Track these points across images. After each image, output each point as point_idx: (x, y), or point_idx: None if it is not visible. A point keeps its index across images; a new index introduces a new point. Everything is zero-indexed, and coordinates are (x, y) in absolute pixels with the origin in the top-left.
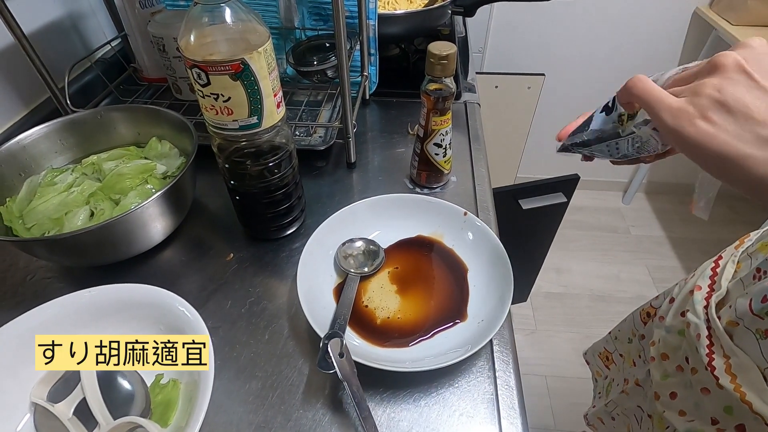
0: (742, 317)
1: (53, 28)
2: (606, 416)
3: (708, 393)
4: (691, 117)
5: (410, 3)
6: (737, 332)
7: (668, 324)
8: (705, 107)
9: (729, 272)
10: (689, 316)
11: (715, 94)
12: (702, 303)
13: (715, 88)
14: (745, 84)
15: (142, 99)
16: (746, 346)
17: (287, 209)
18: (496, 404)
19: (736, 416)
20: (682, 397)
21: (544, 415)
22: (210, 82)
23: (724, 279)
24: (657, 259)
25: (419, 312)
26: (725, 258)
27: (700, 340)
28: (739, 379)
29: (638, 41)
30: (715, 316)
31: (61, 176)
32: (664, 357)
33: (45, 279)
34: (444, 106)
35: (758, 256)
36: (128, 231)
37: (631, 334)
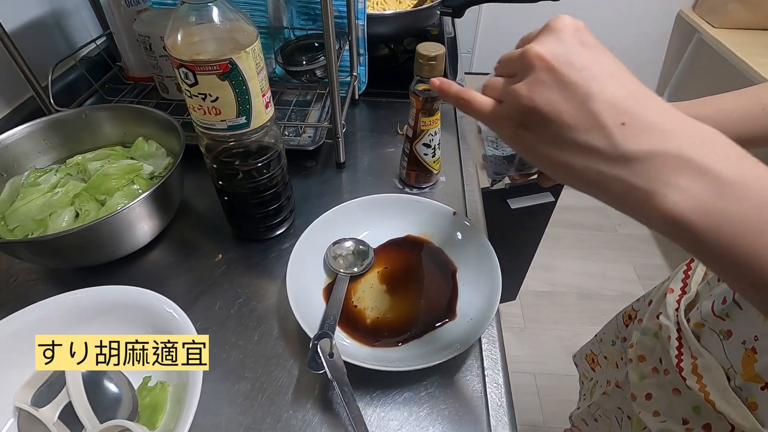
0: (706, 319)
1: (36, 25)
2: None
3: (679, 394)
4: (511, 124)
5: (399, 3)
6: (704, 333)
7: (644, 326)
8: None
9: (699, 275)
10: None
11: (528, 102)
12: (674, 305)
13: (527, 97)
14: (553, 83)
15: (127, 98)
16: (711, 346)
17: (276, 209)
18: (485, 402)
19: (703, 416)
20: (657, 398)
21: (533, 412)
22: (197, 82)
23: (693, 282)
24: (643, 257)
25: (409, 311)
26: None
27: (670, 342)
28: (705, 379)
29: (623, 43)
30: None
31: (45, 177)
32: (641, 359)
33: (28, 281)
34: (433, 107)
35: None
36: (114, 232)
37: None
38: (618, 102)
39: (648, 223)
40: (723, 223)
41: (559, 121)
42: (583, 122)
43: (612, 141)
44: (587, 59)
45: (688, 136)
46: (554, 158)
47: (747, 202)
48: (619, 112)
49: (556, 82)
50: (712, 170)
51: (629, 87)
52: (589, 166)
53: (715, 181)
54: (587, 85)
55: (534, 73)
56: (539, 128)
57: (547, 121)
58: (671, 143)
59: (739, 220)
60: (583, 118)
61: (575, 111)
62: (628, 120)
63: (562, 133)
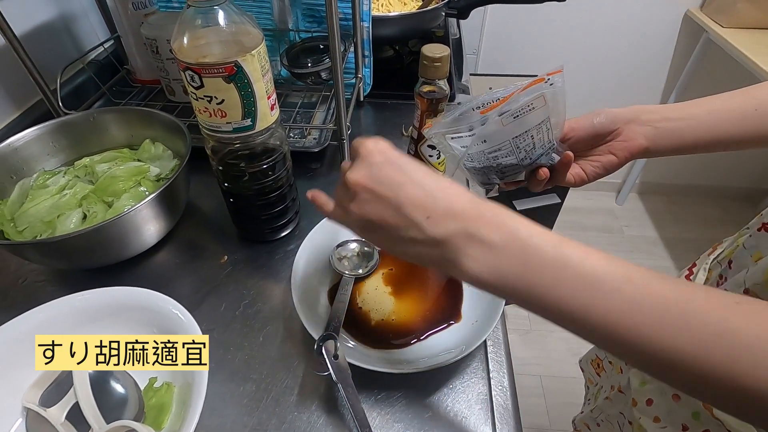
0: None
1: (45, 29)
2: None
3: (678, 399)
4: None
5: (404, 5)
6: None
7: None
8: (359, 227)
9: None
10: None
11: (361, 217)
12: None
13: (357, 214)
14: (372, 199)
15: (135, 101)
16: None
17: (281, 211)
18: (490, 405)
19: (702, 422)
20: (657, 403)
21: (539, 415)
22: (203, 85)
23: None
24: (651, 260)
25: (414, 313)
26: (698, 265)
27: None
28: None
29: (631, 43)
30: None
31: (53, 179)
32: None
33: (37, 282)
34: (438, 108)
35: (724, 264)
36: (121, 234)
37: None
38: (420, 202)
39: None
40: (504, 275)
41: (387, 225)
42: (403, 223)
43: (424, 231)
44: (392, 174)
45: (472, 216)
46: (394, 250)
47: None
48: (423, 209)
49: (374, 197)
50: (490, 241)
51: (427, 186)
52: (417, 251)
53: (490, 247)
54: (396, 195)
55: (357, 195)
56: (377, 231)
57: (379, 226)
58: (461, 224)
59: (515, 270)
60: (401, 220)
61: (394, 216)
62: (431, 213)
63: (392, 232)
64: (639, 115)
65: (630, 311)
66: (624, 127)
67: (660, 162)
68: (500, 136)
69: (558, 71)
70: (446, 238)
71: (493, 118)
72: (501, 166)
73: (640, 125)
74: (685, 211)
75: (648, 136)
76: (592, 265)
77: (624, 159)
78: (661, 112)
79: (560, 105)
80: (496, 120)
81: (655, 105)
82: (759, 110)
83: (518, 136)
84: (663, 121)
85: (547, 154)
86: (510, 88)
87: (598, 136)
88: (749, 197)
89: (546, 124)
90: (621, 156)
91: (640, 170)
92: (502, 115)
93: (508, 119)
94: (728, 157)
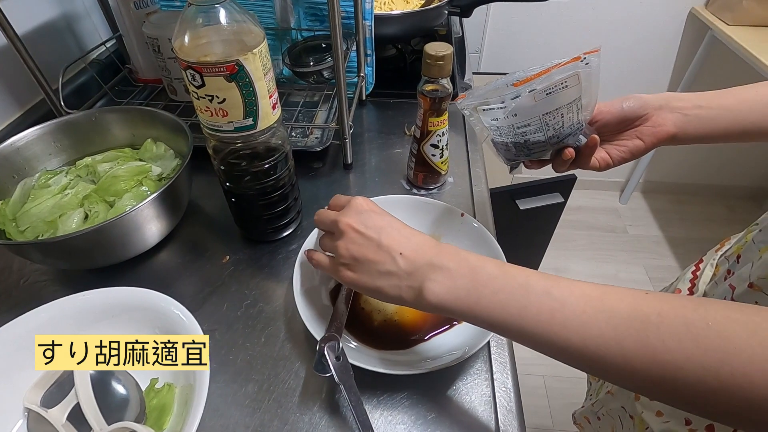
0: None
1: (47, 28)
2: (592, 416)
3: None
4: (340, 269)
5: (407, 3)
6: None
7: None
8: (345, 263)
9: (707, 275)
10: None
11: (347, 254)
12: None
13: (345, 249)
14: (359, 239)
15: (137, 100)
16: None
17: (283, 211)
18: (493, 406)
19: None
20: None
21: (543, 416)
22: (205, 84)
23: (702, 282)
24: (655, 259)
25: (417, 314)
26: (705, 261)
27: None
28: None
29: (635, 41)
30: None
31: (55, 178)
32: None
33: (39, 282)
34: (441, 107)
35: (732, 259)
36: (123, 234)
37: None
38: (396, 242)
39: (430, 311)
40: (458, 292)
41: (368, 261)
42: (382, 258)
43: (397, 264)
44: (376, 221)
45: (435, 252)
46: (370, 285)
47: (467, 277)
48: (399, 247)
49: (361, 238)
50: (447, 267)
51: (402, 231)
52: (390, 283)
53: (448, 271)
54: (378, 237)
55: (346, 235)
56: (357, 268)
57: (361, 262)
58: (427, 258)
59: (463, 287)
60: (381, 256)
61: (376, 252)
62: (404, 250)
63: (371, 267)
64: (670, 102)
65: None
66: (654, 112)
67: (664, 161)
68: (531, 111)
69: (596, 50)
70: (415, 269)
71: (525, 93)
72: (528, 142)
73: (670, 112)
74: (689, 211)
75: (677, 123)
76: (526, 275)
77: (651, 145)
78: (692, 100)
79: (593, 86)
80: (528, 95)
81: (685, 93)
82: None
83: (548, 113)
84: (694, 109)
85: (575, 134)
86: (546, 64)
87: (627, 120)
88: (754, 196)
89: (577, 103)
90: (648, 141)
91: (643, 169)
92: (533, 91)
93: (541, 95)
94: (733, 155)
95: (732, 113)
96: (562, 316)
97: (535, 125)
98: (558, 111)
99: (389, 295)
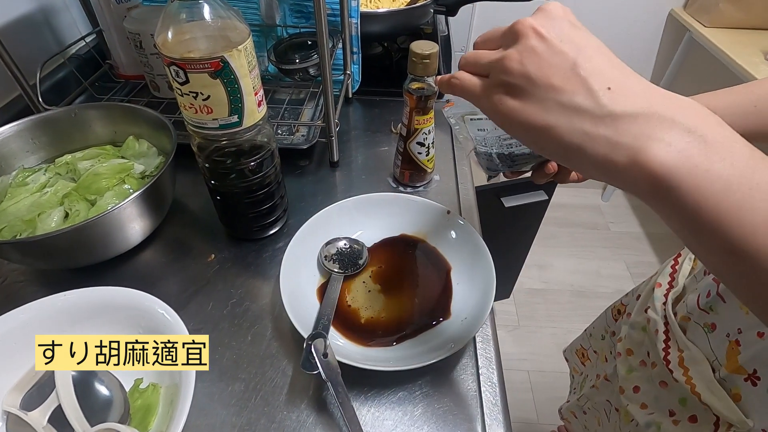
0: (692, 312)
1: (24, 22)
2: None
3: (666, 386)
4: (496, 93)
5: (393, 1)
6: (690, 327)
7: (632, 320)
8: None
9: (686, 269)
10: (650, 313)
11: (518, 66)
12: (661, 300)
13: (517, 61)
14: (543, 50)
15: (118, 96)
16: (697, 339)
17: (269, 209)
18: (479, 401)
19: (689, 407)
20: (644, 390)
21: (528, 410)
22: (189, 80)
23: (681, 276)
24: (635, 255)
25: (403, 311)
26: (684, 255)
27: (658, 336)
28: (691, 371)
29: (616, 41)
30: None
31: (34, 176)
32: (629, 352)
33: (17, 283)
34: (426, 105)
35: None
36: (105, 233)
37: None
38: (604, 71)
39: (630, 185)
40: (707, 180)
41: (547, 85)
42: (571, 86)
43: (599, 101)
44: (575, 35)
45: (671, 103)
46: (539, 121)
47: (731, 161)
48: (606, 78)
49: (547, 49)
50: (698, 130)
51: (613, 61)
52: (574, 127)
53: (700, 139)
54: (575, 54)
55: (525, 40)
56: (526, 94)
57: (535, 85)
58: (657, 107)
59: (725, 179)
60: (571, 82)
61: (563, 75)
62: (614, 85)
63: (549, 95)
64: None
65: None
66: None
67: None
68: None
69: None
70: (632, 115)
71: None
72: (513, 154)
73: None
74: None
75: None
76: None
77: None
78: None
79: None
80: None
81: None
82: (758, 106)
83: None
84: None
85: None
86: None
87: None
88: None
89: None
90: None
91: None
92: None
93: None
94: None
95: None
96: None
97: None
98: None
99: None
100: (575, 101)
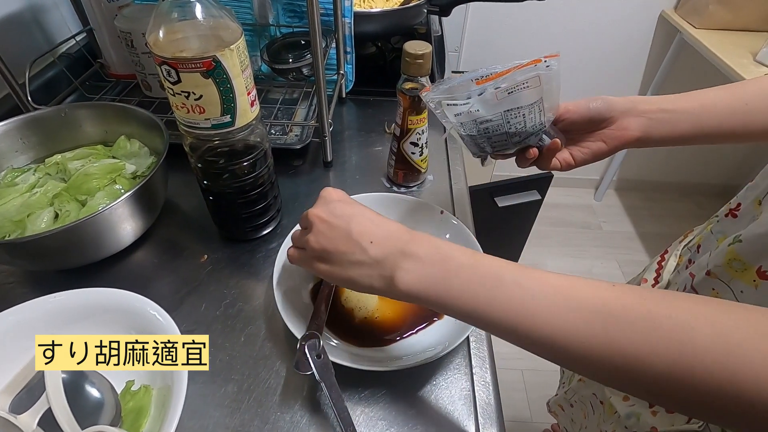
0: None
1: (13, 20)
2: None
3: None
4: (313, 262)
5: (386, 1)
6: None
7: None
8: (317, 255)
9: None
10: None
11: (317, 246)
12: None
13: (315, 241)
14: (326, 230)
15: (109, 96)
16: None
17: (263, 209)
18: (473, 400)
19: None
20: None
21: (521, 409)
22: (180, 80)
23: (666, 271)
24: (627, 254)
25: (397, 311)
26: (670, 252)
27: None
28: None
29: (608, 42)
30: None
31: (23, 176)
32: None
33: (6, 284)
34: (420, 105)
35: (693, 249)
36: (96, 233)
37: None
38: (368, 230)
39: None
40: (429, 281)
41: (338, 252)
42: (351, 247)
43: (368, 254)
44: (345, 210)
45: (405, 239)
46: (343, 276)
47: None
48: (369, 235)
49: (330, 228)
50: (418, 255)
51: (374, 220)
52: (361, 273)
53: (419, 259)
54: (347, 226)
55: (315, 226)
56: (329, 260)
57: (332, 253)
58: (397, 245)
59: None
60: (350, 244)
61: (345, 240)
62: (374, 239)
63: (343, 258)
64: (636, 105)
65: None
66: (620, 116)
67: (637, 159)
68: (492, 108)
69: (555, 55)
70: (385, 257)
71: (488, 90)
72: (491, 139)
73: (635, 116)
74: (660, 207)
75: (642, 127)
76: (498, 265)
77: (614, 148)
78: (657, 104)
79: (554, 90)
80: (491, 92)
81: (652, 96)
82: (748, 105)
83: (509, 111)
84: (658, 113)
85: (537, 134)
86: (508, 65)
87: (593, 121)
88: (721, 193)
89: (539, 105)
90: (611, 145)
91: (617, 167)
92: (497, 89)
93: (503, 94)
94: (702, 155)
95: (693, 116)
96: (531, 306)
97: (497, 121)
98: (519, 110)
99: (362, 285)
100: (357, 258)
